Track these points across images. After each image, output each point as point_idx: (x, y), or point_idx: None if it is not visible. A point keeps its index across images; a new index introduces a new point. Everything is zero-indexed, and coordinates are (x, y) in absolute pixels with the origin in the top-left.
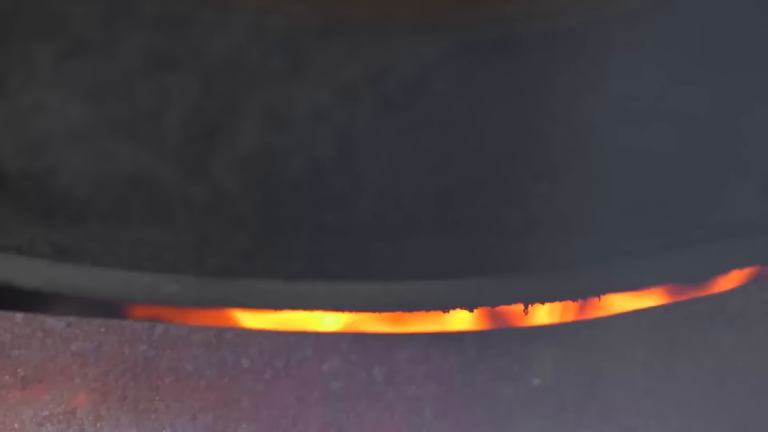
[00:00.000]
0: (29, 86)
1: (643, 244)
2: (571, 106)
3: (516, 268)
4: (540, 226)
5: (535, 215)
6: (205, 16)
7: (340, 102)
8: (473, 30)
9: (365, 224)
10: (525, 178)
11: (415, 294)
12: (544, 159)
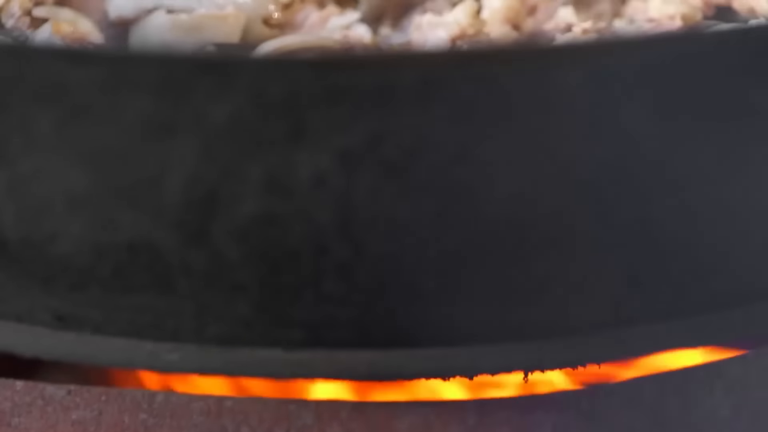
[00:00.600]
0: (29, 152)
1: (644, 311)
2: (573, 171)
3: (516, 334)
4: (540, 293)
5: (535, 281)
6: (206, 81)
7: (341, 168)
8: (474, 95)
9: (365, 291)
10: (526, 244)
11: (415, 362)
12: (544, 224)
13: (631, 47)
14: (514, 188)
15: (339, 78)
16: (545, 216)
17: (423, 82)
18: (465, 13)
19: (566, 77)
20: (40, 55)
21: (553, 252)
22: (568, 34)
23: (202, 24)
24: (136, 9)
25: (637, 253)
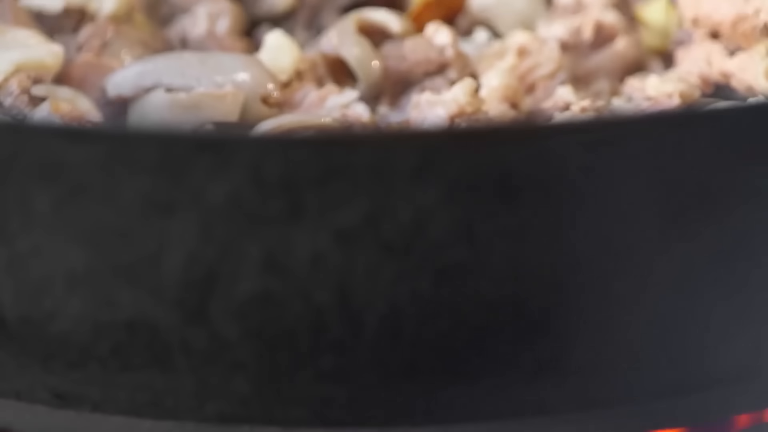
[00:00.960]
0: (28, 230)
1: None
2: (571, 251)
3: (515, 412)
4: (540, 372)
5: (534, 361)
6: (204, 159)
7: (338, 246)
8: (472, 173)
9: (364, 369)
10: (523, 324)
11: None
12: (542, 304)
13: (629, 126)
14: (511, 267)
15: (337, 157)
16: (542, 295)
17: (421, 160)
18: (463, 91)
19: (565, 156)
20: (39, 133)
21: (550, 331)
22: (567, 113)
23: (200, 102)
24: (134, 87)
25: (635, 331)
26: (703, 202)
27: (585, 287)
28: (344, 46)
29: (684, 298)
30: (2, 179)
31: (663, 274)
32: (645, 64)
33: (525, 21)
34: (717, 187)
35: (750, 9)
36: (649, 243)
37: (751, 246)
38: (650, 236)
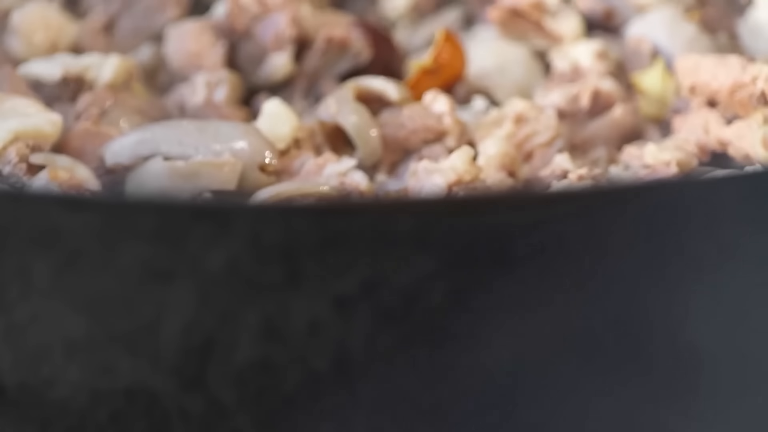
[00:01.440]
0: (27, 298)
1: None
2: (569, 318)
3: None
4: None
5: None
6: (202, 227)
7: (336, 314)
8: (470, 242)
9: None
10: (520, 396)
11: None
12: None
13: (627, 194)
14: (509, 336)
15: (335, 225)
16: (540, 364)
17: (419, 229)
18: (461, 159)
19: (562, 224)
20: (37, 201)
21: (546, 401)
22: (564, 181)
23: (198, 171)
24: (132, 156)
25: (632, 399)
26: (701, 269)
27: (582, 355)
28: (342, 113)
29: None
30: (1, 247)
31: (663, 341)
32: (642, 131)
33: (522, 89)
34: (715, 255)
35: (747, 77)
36: (648, 310)
37: (748, 311)
38: (649, 303)
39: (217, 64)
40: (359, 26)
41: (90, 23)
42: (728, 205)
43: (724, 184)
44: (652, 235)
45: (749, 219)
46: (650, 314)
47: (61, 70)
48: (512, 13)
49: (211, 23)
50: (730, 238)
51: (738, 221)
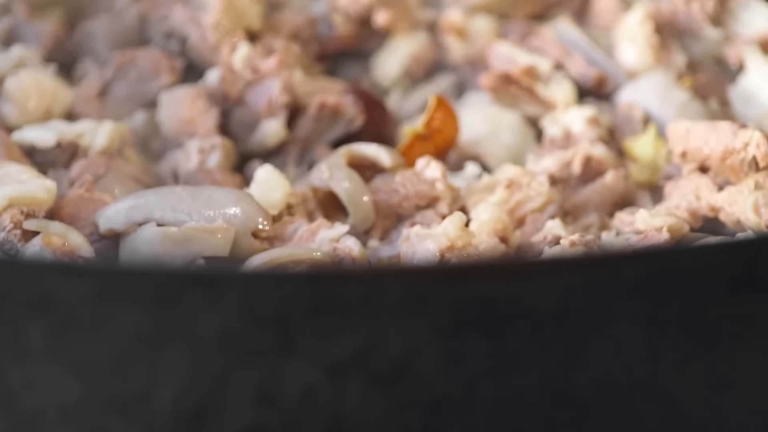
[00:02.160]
0: (21, 363)
1: None
2: (559, 382)
3: None
4: None
5: None
6: (195, 294)
7: (329, 380)
8: (460, 307)
9: None
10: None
11: None
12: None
13: (618, 261)
14: (500, 401)
15: (327, 291)
16: (532, 427)
17: (411, 296)
18: (453, 225)
19: (554, 291)
20: (31, 268)
21: None
22: (556, 247)
23: (192, 237)
24: (126, 222)
25: None
26: (693, 336)
27: (573, 421)
28: (335, 180)
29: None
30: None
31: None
32: (634, 197)
33: (514, 155)
34: (707, 321)
35: (739, 143)
36: (639, 376)
37: (742, 376)
38: (640, 370)
39: (210, 130)
40: (352, 92)
41: (84, 90)
42: (720, 272)
43: (716, 253)
44: (644, 301)
45: (742, 287)
46: (640, 378)
47: (55, 137)
48: (504, 79)
49: (204, 90)
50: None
51: (731, 289)
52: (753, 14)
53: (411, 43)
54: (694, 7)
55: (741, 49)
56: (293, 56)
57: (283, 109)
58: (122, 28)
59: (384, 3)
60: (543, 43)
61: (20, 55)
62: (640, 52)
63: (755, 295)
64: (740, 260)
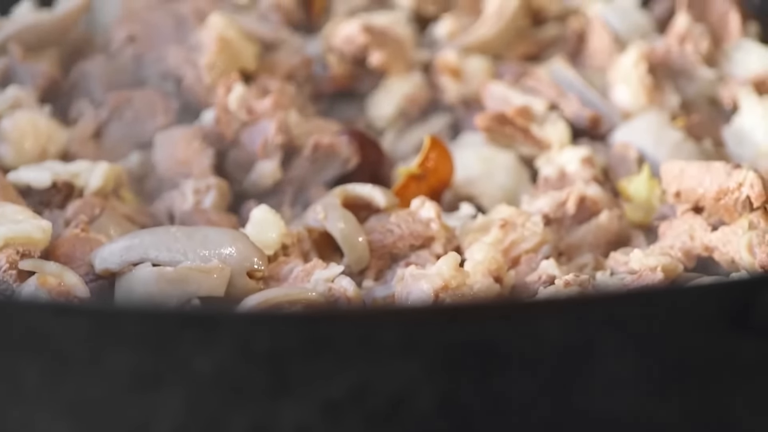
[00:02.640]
0: (16, 402)
1: None
2: (556, 421)
3: None
4: None
5: None
6: (190, 334)
7: (324, 419)
8: (455, 347)
9: None
10: None
11: None
12: None
13: (613, 302)
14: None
15: (323, 331)
16: None
17: (406, 336)
18: (448, 265)
19: (548, 331)
20: (26, 308)
21: None
22: (551, 288)
23: (187, 277)
24: (121, 262)
25: None
26: (688, 374)
27: None
28: (330, 220)
29: None
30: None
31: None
32: (628, 237)
33: (509, 195)
34: (702, 360)
35: (733, 182)
36: (633, 416)
37: (738, 413)
38: (634, 409)
39: (205, 171)
40: (347, 133)
41: (79, 130)
42: (714, 313)
43: (710, 293)
44: (638, 341)
45: (735, 326)
46: (635, 416)
47: (50, 177)
48: (499, 119)
49: (200, 130)
50: (717, 346)
51: (724, 329)
52: (746, 55)
53: (406, 84)
54: (687, 47)
55: (735, 89)
56: (288, 97)
57: (278, 149)
58: (117, 68)
59: (378, 44)
60: (538, 84)
61: (16, 95)
62: (634, 93)
63: (749, 334)
64: (734, 300)
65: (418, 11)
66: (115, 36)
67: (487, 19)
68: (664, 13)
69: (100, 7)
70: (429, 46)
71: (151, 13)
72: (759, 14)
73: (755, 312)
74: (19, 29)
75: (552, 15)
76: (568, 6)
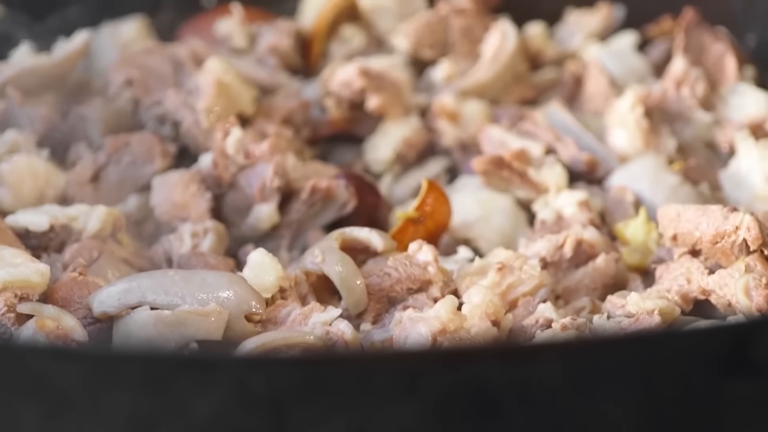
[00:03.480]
0: None
1: None
2: None
3: None
4: None
5: None
6: (188, 378)
7: None
8: (452, 391)
9: None
10: None
11: None
12: None
13: (610, 346)
14: None
15: (320, 375)
16: None
17: (404, 380)
18: (445, 309)
19: (546, 375)
20: (25, 352)
21: None
22: (548, 331)
23: (185, 320)
24: (119, 305)
25: None
26: (684, 419)
27: None
28: (328, 263)
29: None
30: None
31: None
32: (625, 281)
33: (506, 238)
34: (698, 406)
35: (729, 226)
36: None
37: None
38: None
39: (203, 214)
40: (344, 176)
41: (77, 174)
42: (711, 358)
43: (707, 338)
44: (636, 385)
45: (732, 372)
46: None
47: (48, 221)
48: (496, 163)
49: (198, 174)
50: (711, 387)
51: (721, 374)
52: (743, 98)
53: (403, 127)
54: (684, 91)
55: (731, 133)
56: (286, 140)
57: (276, 193)
58: (115, 112)
59: (376, 87)
60: (534, 128)
61: (14, 139)
62: (630, 137)
63: (746, 378)
64: (732, 344)
65: (415, 55)
66: (113, 80)
67: (484, 63)
68: (660, 56)
69: (97, 51)
70: (426, 90)
71: (148, 57)
72: (755, 58)
73: (752, 356)
74: (18, 73)
75: (549, 59)
76: (565, 50)
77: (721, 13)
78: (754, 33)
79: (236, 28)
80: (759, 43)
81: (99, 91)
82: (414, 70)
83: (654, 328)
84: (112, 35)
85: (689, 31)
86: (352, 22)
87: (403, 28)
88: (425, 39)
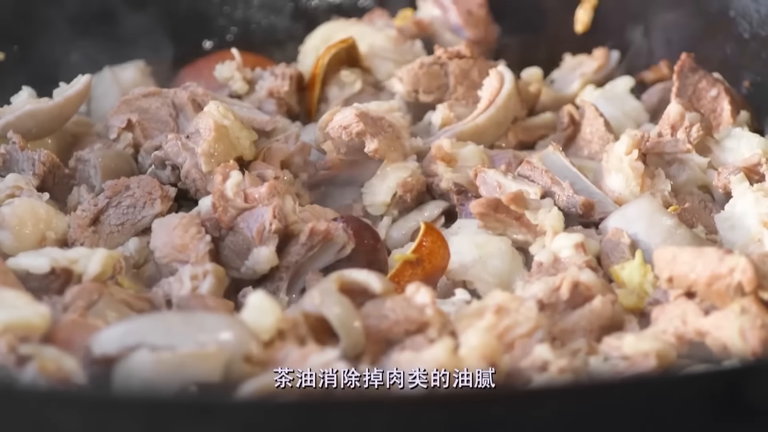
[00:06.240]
0: None
1: None
2: None
3: None
4: None
5: None
6: (188, 420)
7: None
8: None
9: None
10: None
11: None
12: None
13: (606, 390)
14: None
15: (318, 417)
16: None
17: (401, 422)
18: (443, 350)
19: (543, 419)
20: (25, 398)
21: None
22: (545, 374)
23: (184, 362)
24: (119, 347)
25: None
26: None
27: None
28: (326, 305)
29: None
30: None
31: None
32: (621, 322)
33: (503, 281)
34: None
35: (725, 268)
36: None
37: None
38: None
39: (202, 257)
40: (343, 219)
41: (78, 217)
42: (706, 402)
43: (702, 382)
44: (632, 427)
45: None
46: None
47: (49, 263)
48: (493, 206)
49: (197, 217)
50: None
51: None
52: (737, 142)
53: (401, 171)
54: (679, 135)
55: (726, 176)
56: (284, 184)
57: (275, 235)
58: (116, 156)
59: (374, 131)
60: (531, 171)
61: (15, 182)
62: (626, 180)
63: (740, 420)
64: (725, 388)
65: (413, 99)
66: (113, 123)
67: (481, 107)
68: (656, 101)
69: (98, 95)
70: (424, 134)
71: (148, 101)
72: (749, 102)
73: (747, 399)
74: (19, 117)
75: (545, 103)
76: (562, 94)
77: (716, 59)
78: (748, 78)
79: (236, 73)
80: (753, 88)
81: (99, 134)
82: (413, 114)
83: (650, 372)
84: (112, 79)
85: (684, 75)
86: (351, 66)
87: (400, 73)
88: (423, 83)
